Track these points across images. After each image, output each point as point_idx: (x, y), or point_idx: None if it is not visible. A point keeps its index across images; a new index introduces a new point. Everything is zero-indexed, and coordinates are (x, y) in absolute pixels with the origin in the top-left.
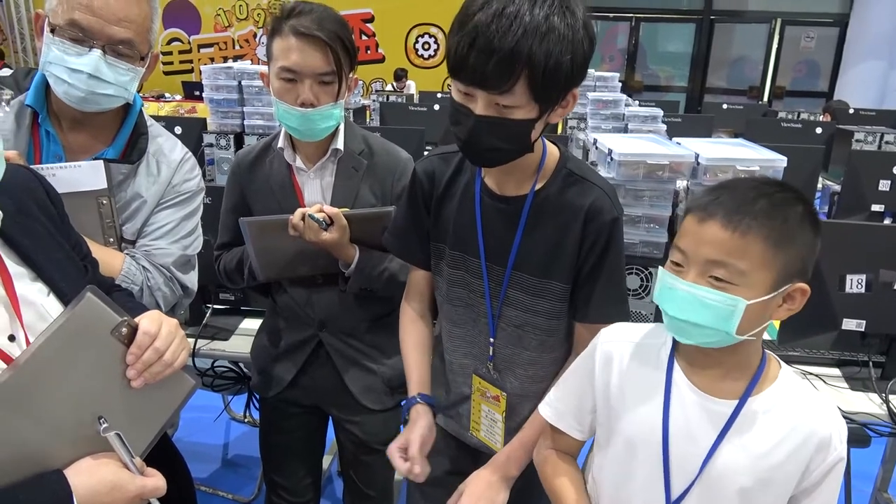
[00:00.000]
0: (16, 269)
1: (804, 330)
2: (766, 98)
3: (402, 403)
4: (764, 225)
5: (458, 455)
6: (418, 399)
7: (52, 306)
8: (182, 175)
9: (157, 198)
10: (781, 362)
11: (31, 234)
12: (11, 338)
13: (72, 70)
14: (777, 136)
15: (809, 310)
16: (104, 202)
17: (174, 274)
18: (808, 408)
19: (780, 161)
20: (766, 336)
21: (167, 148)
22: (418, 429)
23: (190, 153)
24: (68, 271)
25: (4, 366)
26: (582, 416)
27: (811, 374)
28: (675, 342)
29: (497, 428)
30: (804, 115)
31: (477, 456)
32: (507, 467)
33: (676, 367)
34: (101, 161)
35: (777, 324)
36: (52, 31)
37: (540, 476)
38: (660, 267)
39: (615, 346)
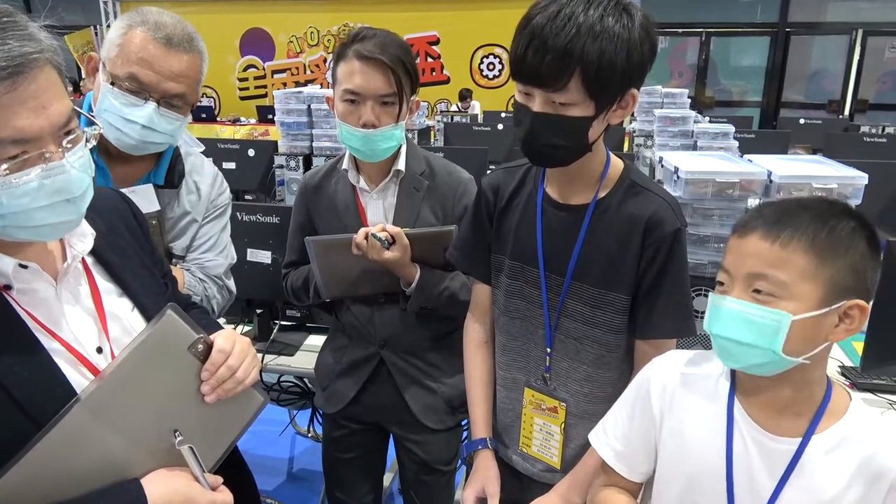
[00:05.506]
0: (105, 285)
1: (892, 355)
2: (847, 112)
3: (464, 444)
4: (806, 234)
5: (506, 480)
6: (483, 445)
7: (135, 321)
8: (217, 189)
9: (203, 213)
10: (852, 394)
11: (120, 252)
12: (99, 350)
13: (127, 120)
14: (859, 152)
15: None
16: (154, 223)
17: (225, 282)
18: (878, 444)
19: (860, 178)
20: (847, 362)
21: (199, 165)
22: (493, 476)
23: (216, 168)
24: (151, 288)
25: (92, 377)
26: (646, 459)
27: None
28: (733, 373)
29: (554, 441)
30: (889, 129)
31: (522, 480)
32: (570, 495)
33: (736, 402)
34: (151, 185)
35: (860, 349)
36: (112, 82)
37: None
38: (711, 293)
39: (670, 377)
